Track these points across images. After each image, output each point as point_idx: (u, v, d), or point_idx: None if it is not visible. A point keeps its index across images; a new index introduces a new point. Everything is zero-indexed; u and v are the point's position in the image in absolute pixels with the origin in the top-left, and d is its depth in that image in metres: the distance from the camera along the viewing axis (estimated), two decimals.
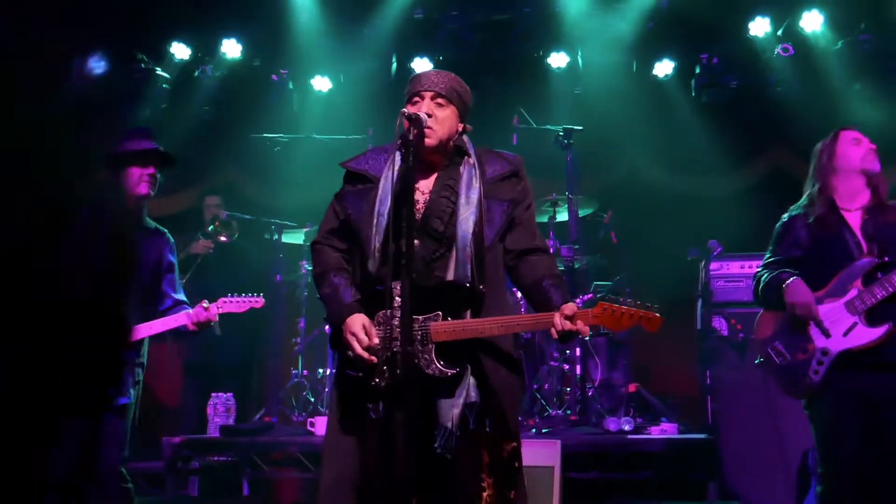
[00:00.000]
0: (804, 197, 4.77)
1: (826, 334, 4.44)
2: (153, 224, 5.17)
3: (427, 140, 3.71)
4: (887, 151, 4.90)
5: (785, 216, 4.78)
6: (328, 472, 3.82)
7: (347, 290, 3.77)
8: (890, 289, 4.37)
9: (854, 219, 4.61)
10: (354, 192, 3.87)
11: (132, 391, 4.82)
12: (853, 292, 4.45)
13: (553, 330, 3.57)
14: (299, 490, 7.95)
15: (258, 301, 4.92)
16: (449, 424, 3.64)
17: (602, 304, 3.63)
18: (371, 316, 3.70)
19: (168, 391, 8.60)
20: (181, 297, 5.02)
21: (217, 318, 4.79)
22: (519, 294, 6.56)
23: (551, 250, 7.37)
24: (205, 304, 4.77)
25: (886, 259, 4.47)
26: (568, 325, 3.53)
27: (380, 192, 3.76)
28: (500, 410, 3.74)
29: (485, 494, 3.77)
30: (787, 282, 4.51)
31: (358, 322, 3.66)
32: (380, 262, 3.69)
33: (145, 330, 4.80)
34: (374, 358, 3.60)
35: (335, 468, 3.79)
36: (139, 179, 4.84)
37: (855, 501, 4.45)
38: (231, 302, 4.87)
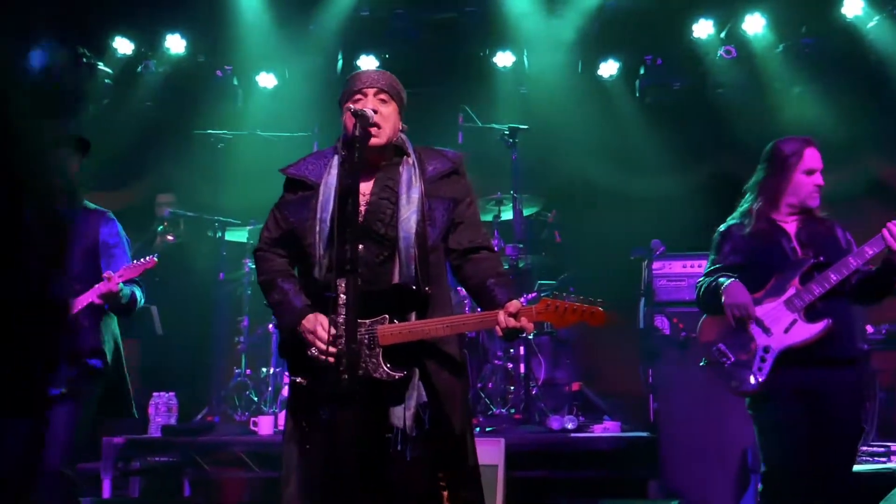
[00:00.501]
0: (743, 205, 4.83)
1: (767, 332, 4.52)
2: (92, 205, 5.19)
3: (374, 139, 3.69)
4: (826, 154, 4.96)
5: (722, 226, 4.87)
6: (287, 479, 3.81)
7: (298, 296, 3.74)
8: (826, 285, 4.48)
9: (789, 227, 4.70)
10: (295, 199, 3.83)
11: (85, 384, 4.84)
12: (791, 291, 4.54)
13: (497, 328, 3.57)
14: (242, 490, 7.88)
15: (150, 262, 4.87)
16: (401, 425, 3.64)
17: (545, 300, 3.63)
18: None
19: None
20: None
21: (118, 288, 4.75)
22: (463, 292, 6.57)
23: (496, 249, 7.47)
24: (107, 276, 4.75)
25: (822, 259, 4.57)
26: (512, 321, 3.54)
27: (321, 197, 3.73)
28: (449, 411, 3.73)
29: (444, 494, 3.78)
30: (725, 284, 4.58)
31: (315, 320, 3.64)
32: (325, 269, 3.66)
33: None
34: (334, 350, 3.51)
35: (294, 475, 3.78)
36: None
37: (795, 499, 4.52)
38: (128, 268, 4.83)
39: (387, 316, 3.63)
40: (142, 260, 4.89)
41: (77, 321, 4.89)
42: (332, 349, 3.52)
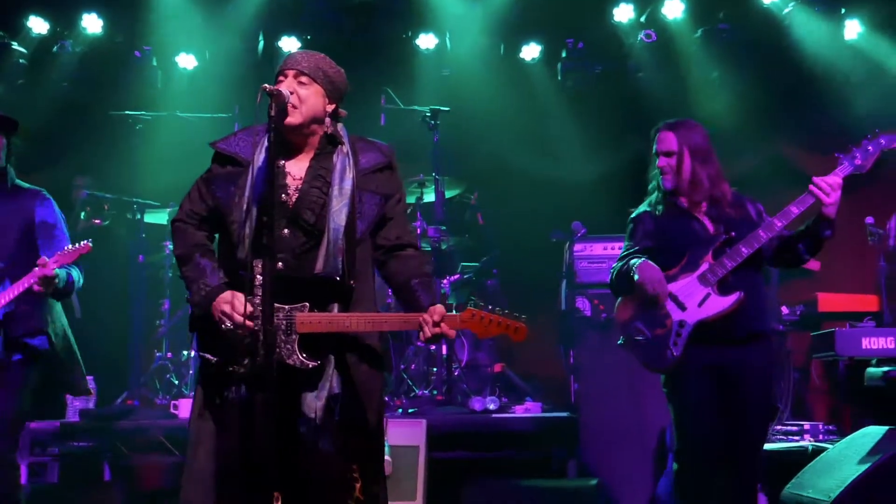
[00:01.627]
0: (649, 192, 4.91)
1: (682, 307, 4.60)
2: (26, 185, 5.17)
3: (289, 118, 3.64)
4: (740, 137, 5.05)
5: (634, 212, 4.95)
6: (191, 462, 3.75)
7: (215, 273, 3.66)
8: (738, 259, 4.58)
9: (697, 208, 4.77)
10: (224, 174, 3.75)
11: (24, 367, 4.92)
12: (704, 266, 4.63)
13: (421, 332, 3.55)
14: (162, 474, 7.78)
15: (85, 247, 4.85)
16: (312, 415, 3.61)
17: (471, 310, 3.64)
18: None
19: None
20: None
21: (54, 273, 4.73)
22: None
23: (418, 231, 7.48)
24: (42, 262, 4.72)
25: (733, 234, 4.65)
26: (435, 330, 3.52)
27: (249, 176, 3.65)
28: (364, 404, 3.71)
29: (357, 486, 3.77)
30: (637, 264, 4.65)
31: (231, 296, 3.58)
32: (249, 249, 3.59)
33: (3, 296, 4.79)
34: (251, 324, 3.47)
35: (198, 456, 3.72)
36: None
37: (707, 476, 4.61)
38: (63, 254, 4.80)
39: (307, 304, 3.59)
40: (76, 245, 4.85)
41: (16, 305, 4.87)
42: (248, 323, 3.47)
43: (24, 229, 5.00)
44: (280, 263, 3.55)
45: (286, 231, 3.59)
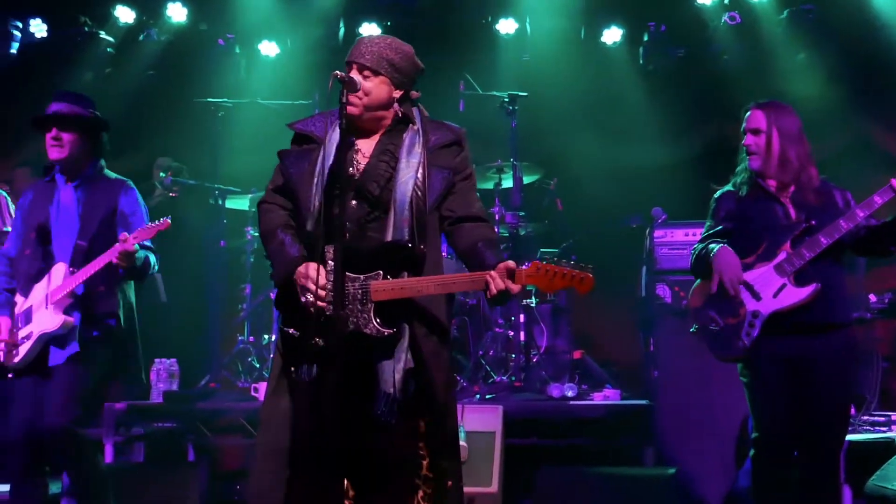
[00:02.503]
0: (737, 171, 4.83)
1: (756, 297, 4.53)
2: (114, 175, 5.40)
3: (350, 108, 3.71)
4: (827, 121, 4.94)
5: (718, 192, 4.89)
6: (263, 438, 3.82)
7: (294, 245, 3.76)
8: (817, 249, 4.49)
9: (782, 191, 4.68)
10: (298, 151, 3.88)
11: (99, 346, 5.05)
12: (782, 255, 4.54)
13: (487, 289, 3.56)
14: (243, 456, 7.93)
15: (164, 223, 4.91)
16: (391, 390, 3.63)
17: (536, 263, 3.61)
18: None
19: None
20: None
21: (134, 248, 4.84)
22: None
23: (496, 217, 7.46)
24: (123, 237, 4.83)
25: (814, 223, 4.56)
26: (500, 285, 3.53)
27: (323, 152, 3.74)
28: (433, 378, 3.74)
29: (424, 463, 3.78)
30: (715, 250, 4.58)
31: (304, 268, 3.65)
32: (316, 222, 3.69)
33: (82, 274, 4.93)
34: (323, 304, 3.54)
35: (270, 434, 3.79)
36: (47, 145, 5.16)
37: (785, 467, 4.54)
38: (143, 230, 4.90)
39: (381, 272, 3.64)
40: (156, 222, 4.94)
41: (94, 284, 5.04)
42: (321, 293, 3.55)
43: (108, 216, 5.20)
44: (346, 234, 3.61)
45: (353, 203, 3.67)
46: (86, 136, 5.29)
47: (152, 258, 5.18)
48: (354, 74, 3.75)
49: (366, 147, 3.82)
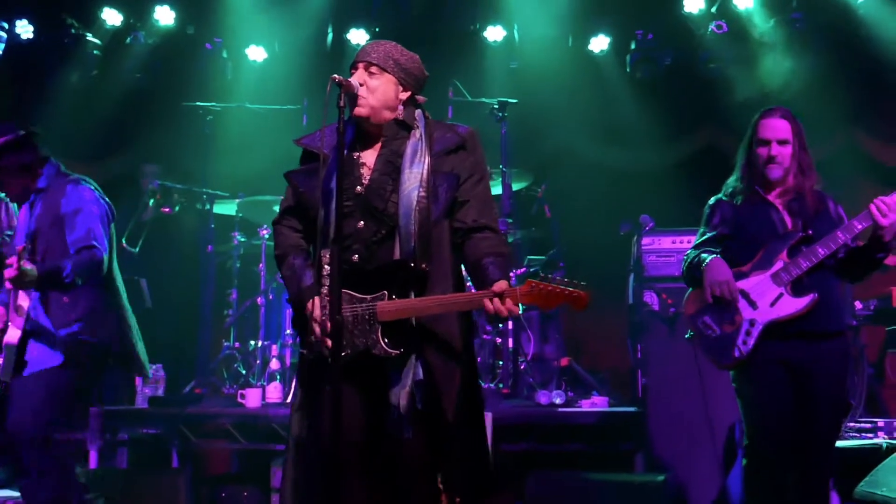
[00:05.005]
0: (731, 178, 4.83)
1: (753, 306, 4.53)
2: (69, 174, 5.26)
3: (358, 109, 3.68)
4: (814, 128, 4.97)
5: (713, 198, 4.88)
6: (290, 447, 3.84)
7: (306, 271, 3.74)
8: (814, 259, 4.49)
9: (778, 199, 4.69)
10: (305, 169, 3.83)
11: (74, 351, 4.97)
12: (779, 264, 4.55)
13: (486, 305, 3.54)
14: (229, 461, 7.93)
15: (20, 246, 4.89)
16: (396, 403, 3.62)
17: (531, 281, 3.59)
18: None
19: None
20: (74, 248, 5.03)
21: (19, 270, 4.76)
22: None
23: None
24: (11, 262, 4.79)
25: (810, 232, 4.57)
26: (497, 305, 3.51)
27: (328, 169, 3.67)
28: (442, 394, 3.68)
29: (439, 477, 3.74)
30: (707, 261, 4.58)
31: (317, 304, 3.62)
32: (322, 241, 3.64)
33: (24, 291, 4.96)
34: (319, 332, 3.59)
35: (294, 443, 3.81)
36: None
37: (777, 473, 4.54)
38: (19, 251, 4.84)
39: (386, 292, 3.62)
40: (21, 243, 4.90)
41: (56, 296, 5.01)
42: (318, 329, 3.60)
43: (54, 222, 5.09)
44: (355, 256, 3.62)
45: (361, 223, 3.63)
46: (10, 163, 5.14)
47: (83, 257, 5.00)
48: (361, 73, 3.71)
49: (369, 159, 3.75)
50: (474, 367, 3.94)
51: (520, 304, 3.58)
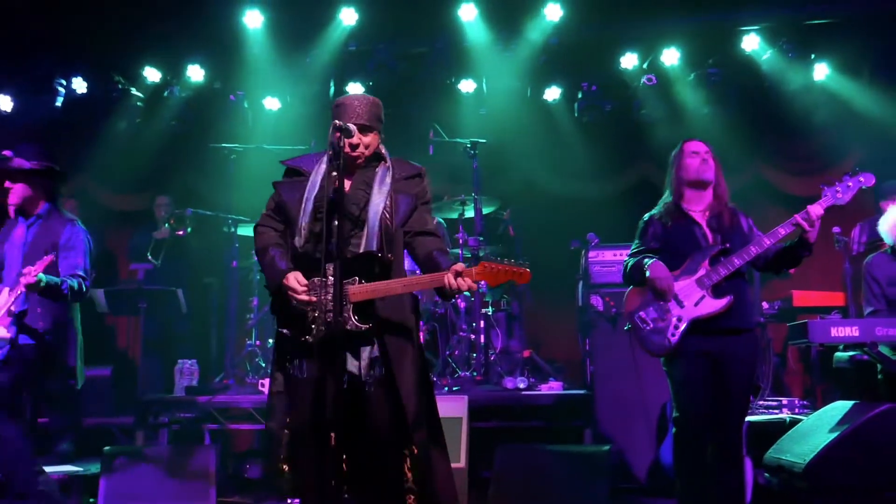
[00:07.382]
0: (661, 200, 4.88)
1: (680, 305, 4.57)
2: (67, 214, 5.44)
3: (358, 159, 3.92)
4: (728, 163, 5.03)
5: (646, 216, 4.90)
6: (269, 423, 3.93)
7: (283, 259, 3.86)
8: (731, 268, 4.56)
9: (700, 217, 4.73)
10: (289, 182, 3.99)
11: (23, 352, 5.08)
12: (702, 271, 4.59)
13: (445, 284, 3.65)
14: (251, 439, 7.92)
15: (49, 258, 5.03)
16: (357, 371, 3.77)
17: (483, 263, 3.70)
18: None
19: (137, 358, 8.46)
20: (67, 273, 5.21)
21: (35, 279, 4.89)
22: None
23: (460, 240, 7.49)
24: (27, 270, 4.93)
25: (728, 246, 4.62)
26: (457, 282, 3.62)
27: (309, 183, 3.88)
28: (398, 368, 3.79)
29: (413, 446, 3.80)
30: (649, 263, 4.62)
31: (292, 277, 3.75)
32: (305, 239, 3.81)
33: (11, 297, 5.03)
34: (312, 298, 3.67)
35: (276, 419, 3.87)
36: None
37: (700, 440, 4.58)
38: (40, 263, 4.98)
39: (356, 278, 3.72)
40: (45, 256, 5.01)
41: (32, 305, 5.14)
42: (305, 297, 3.68)
43: (49, 248, 5.19)
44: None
45: (336, 223, 3.68)
46: (32, 185, 5.29)
47: (74, 283, 5.18)
48: (357, 135, 3.84)
49: (346, 182, 3.90)
50: (420, 345, 4.03)
51: (475, 281, 3.65)
